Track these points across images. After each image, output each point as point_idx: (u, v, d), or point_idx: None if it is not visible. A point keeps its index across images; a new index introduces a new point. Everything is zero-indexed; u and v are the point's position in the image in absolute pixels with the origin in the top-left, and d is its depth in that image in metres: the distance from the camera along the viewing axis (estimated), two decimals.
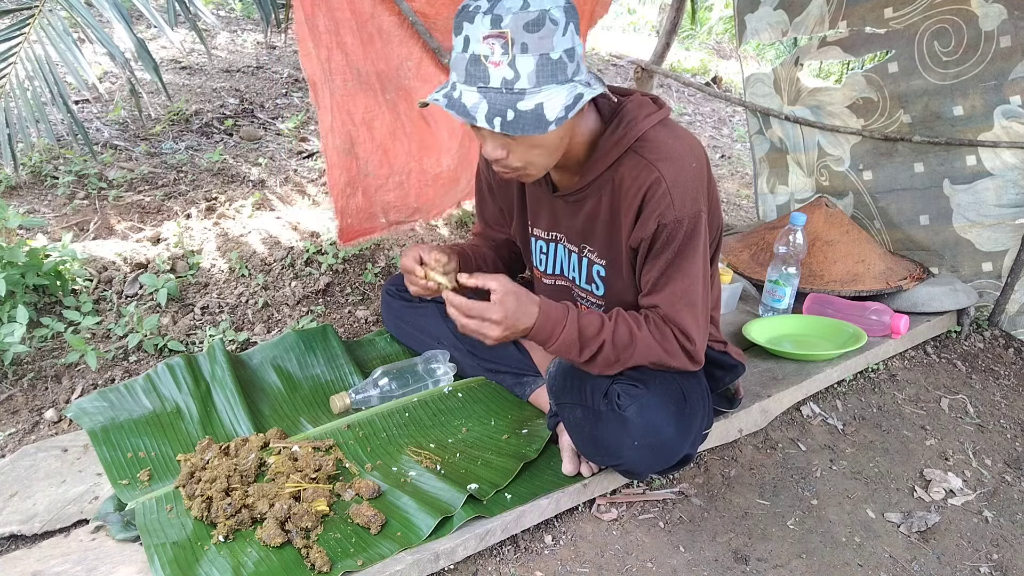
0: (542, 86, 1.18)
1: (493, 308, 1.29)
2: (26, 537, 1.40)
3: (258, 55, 4.26)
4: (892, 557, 1.51)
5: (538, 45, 1.15)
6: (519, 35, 1.14)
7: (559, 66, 1.18)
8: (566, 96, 1.19)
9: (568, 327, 1.34)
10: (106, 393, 1.73)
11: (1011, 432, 1.97)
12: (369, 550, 1.33)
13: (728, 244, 2.61)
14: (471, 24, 1.16)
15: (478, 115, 1.18)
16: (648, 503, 1.57)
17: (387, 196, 2.22)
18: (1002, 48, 2.17)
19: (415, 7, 2.04)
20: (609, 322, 1.37)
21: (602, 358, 1.37)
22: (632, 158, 1.34)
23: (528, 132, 1.17)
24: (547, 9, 1.15)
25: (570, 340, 1.35)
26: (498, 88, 1.17)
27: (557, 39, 1.16)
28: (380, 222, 2.25)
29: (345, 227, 2.13)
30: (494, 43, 1.15)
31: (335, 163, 2.02)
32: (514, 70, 1.16)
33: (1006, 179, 2.27)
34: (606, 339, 1.36)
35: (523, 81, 1.17)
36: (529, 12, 1.14)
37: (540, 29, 1.14)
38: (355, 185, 2.10)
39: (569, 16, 1.18)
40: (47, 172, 2.70)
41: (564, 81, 1.19)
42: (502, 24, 1.14)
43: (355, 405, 1.75)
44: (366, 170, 2.12)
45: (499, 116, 1.17)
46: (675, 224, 1.32)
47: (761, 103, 2.81)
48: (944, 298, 2.29)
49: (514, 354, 1.82)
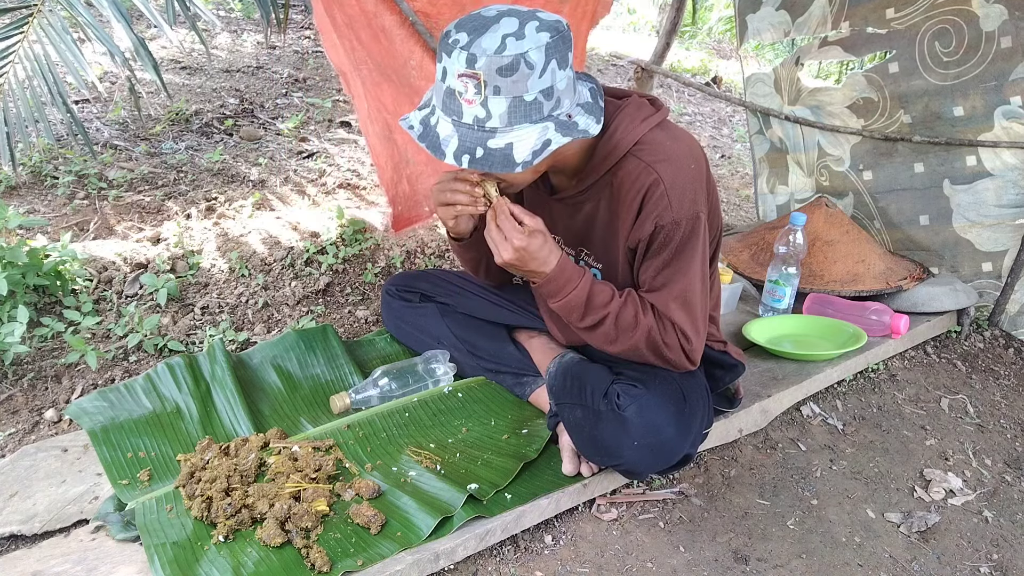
0: (514, 126, 1.18)
1: (521, 232, 1.30)
2: (26, 537, 1.40)
3: (258, 55, 4.26)
4: (892, 557, 1.51)
5: (511, 88, 1.15)
6: (491, 78, 1.14)
7: (533, 106, 1.17)
8: (535, 139, 1.18)
9: (580, 286, 1.36)
10: (106, 393, 1.73)
11: (1011, 432, 1.97)
12: (369, 550, 1.33)
13: (728, 244, 2.61)
14: (448, 57, 1.16)
15: (448, 151, 1.19)
16: (648, 503, 1.57)
17: (430, 182, 2.18)
18: (1003, 48, 2.17)
19: (416, 7, 2.04)
20: (619, 298, 1.38)
21: (602, 331, 1.38)
22: (630, 161, 1.34)
23: (496, 171, 1.19)
24: (524, 52, 1.13)
25: (578, 300, 1.36)
26: (470, 124, 1.18)
27: (532, 82, 1.15)
28: (424, 210, 2.21)
29: (397, 215, 2.09)
30: (467, 82, 1.15)
31: (379, 151, 1.98)
32: (486, 110, 1.16)
33: (1006, 179, 2.27)
34: (611, 312, 1.37)
35: (495, 120, 1.17)
36: (503, 56, 1.12)
37: (513, 74, 1.13)
38: (400, 172, 2.07)
39: (551, 53, 1.15)
40: (47, 172, 2.70)
41: (538, 120, 1.19)
42: (476, 65, 1.13)
43: (355, 405, 1.75)
44: (407, 157, 2.08)
45: (468, 154, 1.18)
46: (673, 225, 1.32)
47: (761, 103, 2.81)
48: (944, 298, 2.29)
49: (514, 354, 1.82)
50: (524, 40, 1.14)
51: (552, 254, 1.34)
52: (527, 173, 1.31)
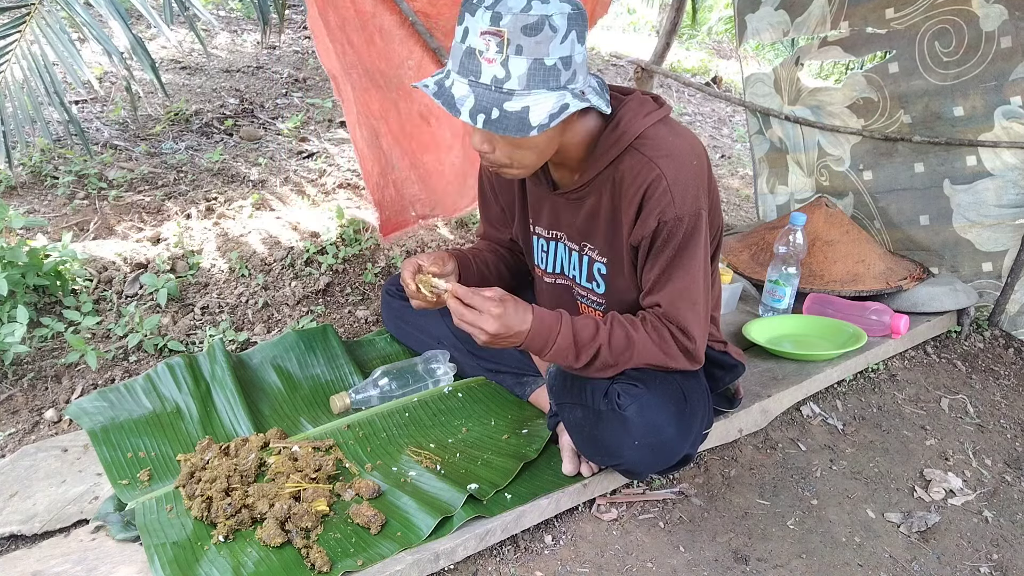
0: (532, 90, 1.17)
1: (493, 303, 1.30)
2: (26, 537, 1.40)
3: (258, 55, 4.26)
4: (892, 557, 1.51)
5: (533, 49, 1.15)
6: (516, 36, 1.14)
7: (552, 72, 1.18)
8: (553, 104, 1.18)
9: (563, 333, 1.34)
10: (106, 393, 1.73)
11: (1011, 432, 1.97)
12: (369, 550, 1.33)
13: (728, 244, 2.61)
14: (472, 16, 1.16)
15: (463, 109, 1.18)
16: (648, 503, 1.57)
17: (412, 189, 2.20)
18: (1003, 48, 2.17)
19: (416, 7, 2.04)
20: (604, 326, 1.37)
21: (600, 363, 1.37)
22: (633, 156, 1.34)
23: (510, 133, 1.18)
24: (549, 15, 1.14)
25: (565, 345, 1.35)
26: (487, 85, 1.18)
27: (554, 46, 1.16)
28: (411, 215, 2.22)
29: (384, 220, 2.11)
30: (490, 40, 1.15)
31: (366, 155, 1.99)
32: (506, 70, 1.16)
33: (1006, 179, 2.27)
34: (602, 344, 1.36)
35: (513, 82, 1.17)
36: (530, 15, 1.13)
37: (538, 34, 1.14)
38: (386, 177, 2.08)
39: (572, 23, 1.17)
40: (47, 172, 2.70)
41: (555, 88, 1.19)
42: (501, 23, 1.13)
43: (355, 405, 1.75)
44: (391, 163, 2.09)
45: (483, 113, 1.18)
46: (675, 222, 1.32)
47: (761, 103, 2.81)
48: (944, 298, 2.29)
49: (514, 354, 1.81)
50: (549, 4, 1.15)
51: (526, 311, 1.33)
52: (533, 154, 1.30)
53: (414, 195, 2.21)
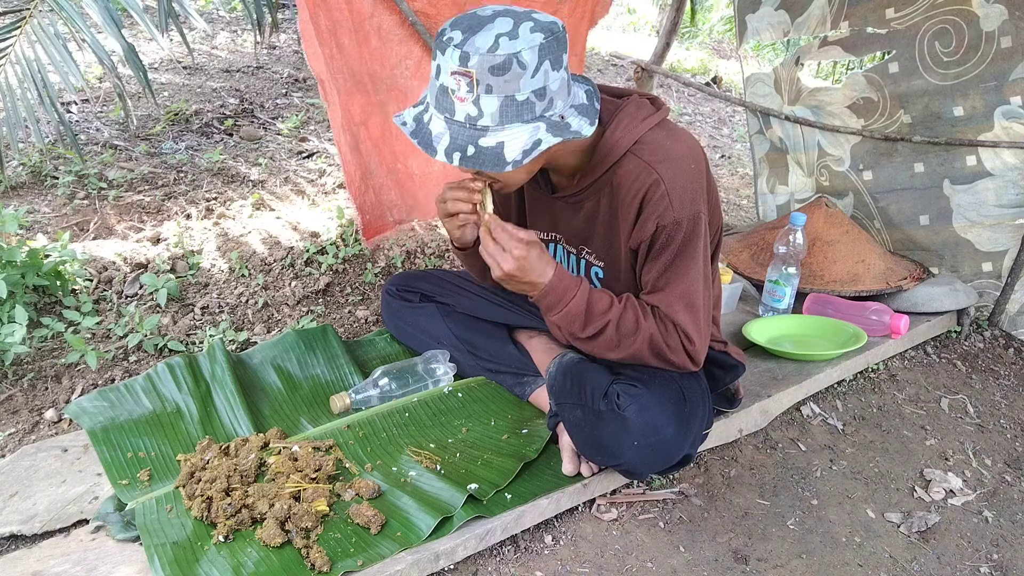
0: (505, 125, 1.18)
1: (517, 244, 1.30)
2: (26, 537, 1.40)
3: (258, 55, 4.26)
4: (892, 557, 1.51)
5: (503, 87, 1.15)
6: (484, 77, 1.14)
7: (525, 106, 1.17)
8: (527, 138, 1.18)
9: (578, 298, 1.35)
10: (106, 393, 1.73)
11: (1011, 432, 1.97)
12: (369, 550, 1.33)
13: (728, 244, 2.61)
14: (442, 55, 1.16)
15: (439, 148, 1.19)
16: (648, 503, 1.57)
17: (389, 195, 2.23)
18: (1003, 48, 2.17)
19: (416, 7, 2.04)
20: (618, 304, 1.38)
21: (604, 338, 1.38)
22: (631, 160, 1.34)
23: (487, 169, 1.19)
24: (517, 51, 1.13)
25: (576, 311, 1.36)
26: (462, 122, 1.18)
27: (524, 81, 1.15)
28: (389, 220, 2.25)
29: (366, 224, 2.13)
30: (460, 80, 1.15)
31: (349, 160, 2.02)
32: (478, 108, 1.16)
33: (1006, 179, 2.27)
34: (612, 319, 1.37)
35: (486, 119, 1.17)
36: (496, 56, 1.12)
37: (506, 73, 1.14)
38: (367, 182, 2.11)
39: (544, 54, 1.15)
40: (47, 172, 2.70)
41: (530, 120, 1.19)
42: (468, 63, 1.13)
43: (355, 405, 1.75)
44: (370, 168, 2.12)
45: (459, 151, 1.18)
46: (674, 225, 1.32)
47: (761, 103, 2.81)
48: (944, 298, 2.29)
49: (514, 354, 1.82)
50: (518, 40, 1.14)
51: (549, 265, 1.34)
52: (520, 173, 1.31)
53: (391, 200, 2.25)
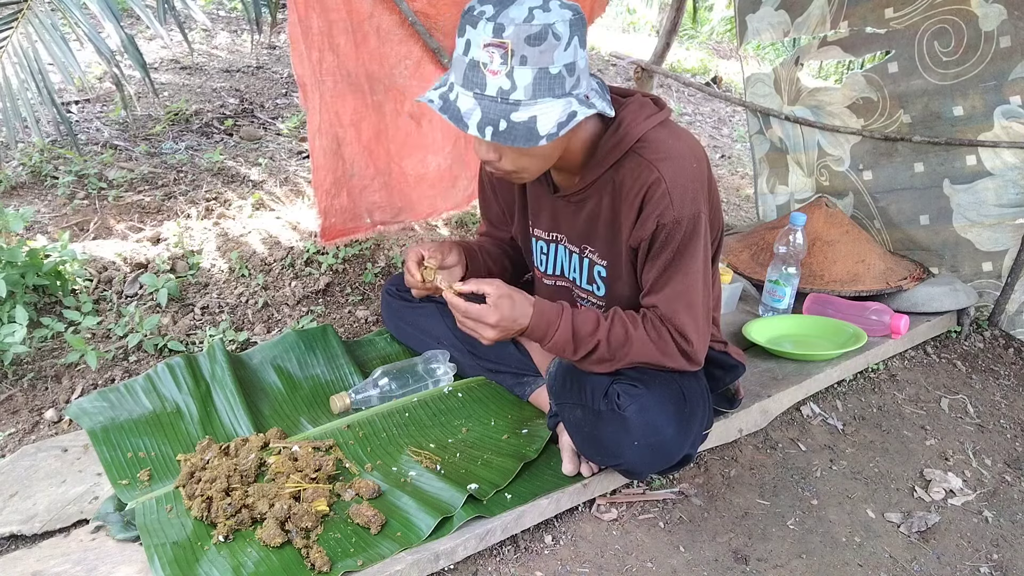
0: (538, 99, 1.17)
1: (489, 312, 1.32)
2: (26, 537, 1.40)
3: (258, 55, 4.26)
4: (892, 557, 1.51)
5: (538, 59, 1.15)
6: (519, 47, 1.13)
7: (557, 80, 1.17)
8: (560, 112, 1.18)
9: (562, 326, 1.37)
10: (106, 393, 1.73)
11: (1011, 432, 1.97)
12: (369, 550, 1.33)
13: (728, 244, 2.61)
14: (474, 29, 1.15)
15: (470, 122, 1.18)
16: (648, 503, 1.57)
17: (373, 197, 2.24)
18: (1002, 48, 2.17)
19: (416, 7, 2.04)
20: (605, 321, 1.38)
21: (597, 356, 1.39)
22: (632, 159, 1.34)
23: (519, 144, 1.18)
24: (551, 23, 1.14)
25: (564, 339, 1.37)
26: (493, 97, 1.17)
27: (558, 54, 1.16)
28: (365, 222, 2.28)
29: (328, 226, 2.16)
30: (494, 52, 1.14)
31: (321, 164, 2.05)
32: (511, 81, 1.16)
33: (1006, 179, 2.27)
34: (601, 339, 1.37)
35: (519, 93, 1.17)
36: (532, 25, 1.13)
37: (542, 43, 1.14)
38: (340, 186, 2.13)
39: (574, 29, 1.17)
40: (47, 172, 2.70)
41: (561, 95, 1.19)
42: (504, 34, 1.13)
43: (355, 405, 1.75)
44: (352, 171, 2.14)
45: (491, 125, 1.17)
46: (674, 224, 1.32)
47: (761, 103, 2.81)
48: (944, 298, 2.29)
49: (514, 354, 1.82)
50: (550, 12, 1.14)
51: (526, 304, 1.36)
52: (539, 160, 1.31)
53: (374, 202, 2.26)
